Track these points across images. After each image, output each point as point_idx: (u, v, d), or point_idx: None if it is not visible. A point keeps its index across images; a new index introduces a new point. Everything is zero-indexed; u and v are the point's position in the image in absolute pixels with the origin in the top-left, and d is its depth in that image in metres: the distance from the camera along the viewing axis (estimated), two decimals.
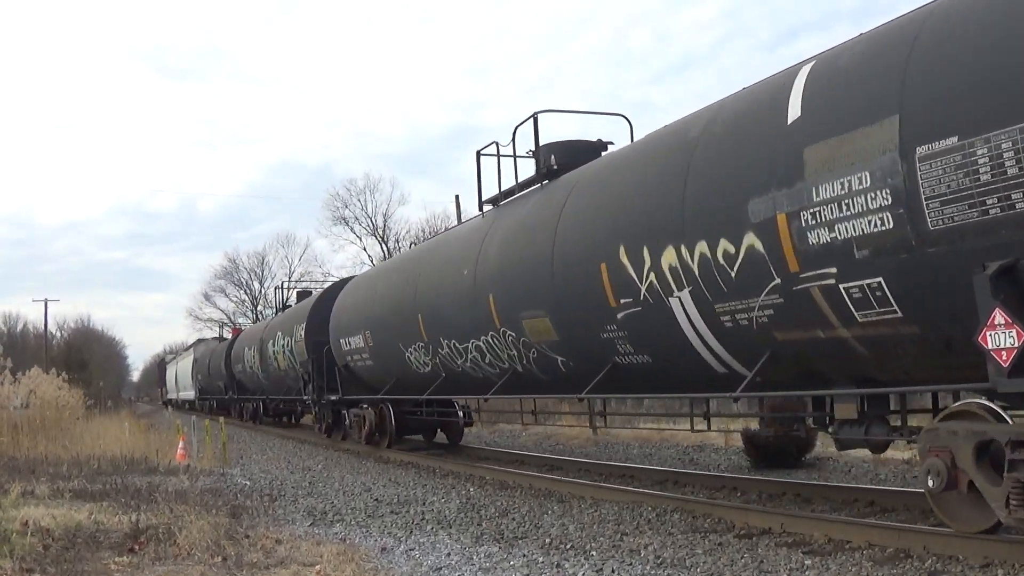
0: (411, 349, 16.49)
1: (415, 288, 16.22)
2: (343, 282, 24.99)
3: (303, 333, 24.53)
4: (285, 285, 36.29)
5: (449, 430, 20.60)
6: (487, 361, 13.88)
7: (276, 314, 34.70)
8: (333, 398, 22.36)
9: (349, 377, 21.23)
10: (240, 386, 38.82)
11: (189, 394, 59.39)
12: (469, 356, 14.33)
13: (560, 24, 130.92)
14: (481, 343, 13.73)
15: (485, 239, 13.73)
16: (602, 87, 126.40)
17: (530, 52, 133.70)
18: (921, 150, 6.56)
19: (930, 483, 7.14)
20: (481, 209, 15.14)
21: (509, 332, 12.79)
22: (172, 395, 74.56)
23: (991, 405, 6.92)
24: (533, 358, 12.58)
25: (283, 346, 27.84)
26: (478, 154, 14.95)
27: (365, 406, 20.58)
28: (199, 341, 62.76)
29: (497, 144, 14.38)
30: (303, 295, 32.67)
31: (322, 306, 23.87)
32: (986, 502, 6.78)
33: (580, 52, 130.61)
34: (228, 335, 53.92)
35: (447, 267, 15.02)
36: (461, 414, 19.66)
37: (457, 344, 14.58)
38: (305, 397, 25.03)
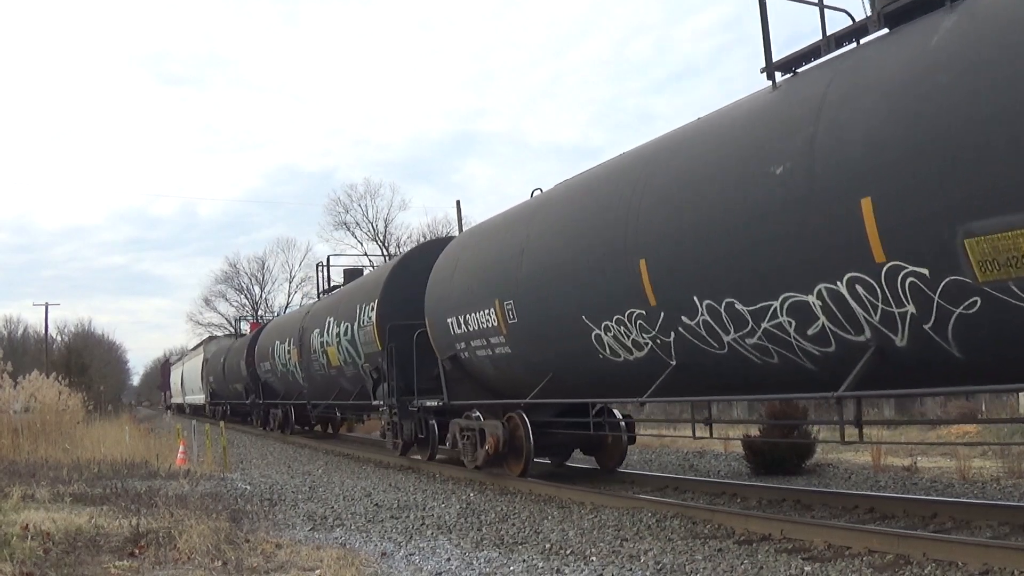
0: (612, 322, 10.55)
1: (632, 217, 10.08)
2: (438, 242, 19.68)
3: (374, 315, 18.39)
4: (328, 261, 27.57)
5: (605, 449, 15.02)
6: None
7: (321, 296, 27.86)
8: (431, 403, 16.12)
9: (459, 374, 15.24)
10: (266, 389, 32.39)
11: (198, 398, 54.27)
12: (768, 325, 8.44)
13: (560, 33, 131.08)
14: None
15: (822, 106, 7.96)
16: (603, 96, 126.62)
17: (530, 61, 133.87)
18: None
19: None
20: (772, 77, 9.40)
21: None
22: (177, 399, 69.54)
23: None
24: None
25: (338, 335, 21.49)
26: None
27: (477, 415, 14.84)
28: (210, 338, 56.30)
29: None
30: (353, 274, 25.60)
31: (405, 276, 18.10)
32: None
33: (580, 61, 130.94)
34: (245, 330, 50.28)
35: (726, 164, 8.96)
36: (623, 425, 14.52)
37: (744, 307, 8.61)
38: (376, 401, 18.72)
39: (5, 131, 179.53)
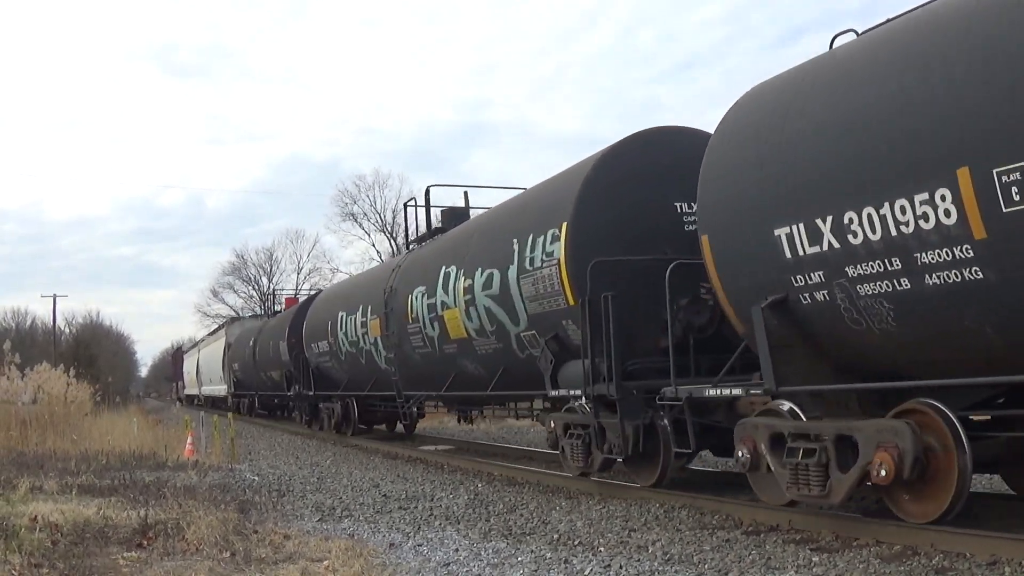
0: None
1: None
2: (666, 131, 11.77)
3: (561, 249, 11.38)
4: (427, 195, 20.06)
5: None
6: None
7: (412, 247, 20.34)
8: (735, 392, 9.36)
9: (790, 337, 8.39)
10: (320, 377, 24.90)
11: (218, 389, 49.23)
12: None
13: (566, 23, 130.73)
14: None
15: None
16: (608, 85, 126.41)
17: (537, 51, 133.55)
18: None
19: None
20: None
21: None
22: (191, 390, 65.10)
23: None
24: None
25: (467, 291, 14.26)
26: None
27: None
28: (233, 320, 50.64)
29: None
30: (456, 216, 18.71)
31: (615, 181, 11.36)
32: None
33: (586, 51, 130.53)
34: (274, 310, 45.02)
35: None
36: None
37: None
38: (559, 391, 12.04)
39: (14, 122, 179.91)
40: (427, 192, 19.80)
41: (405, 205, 21.16)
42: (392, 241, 66.30)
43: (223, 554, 7.95)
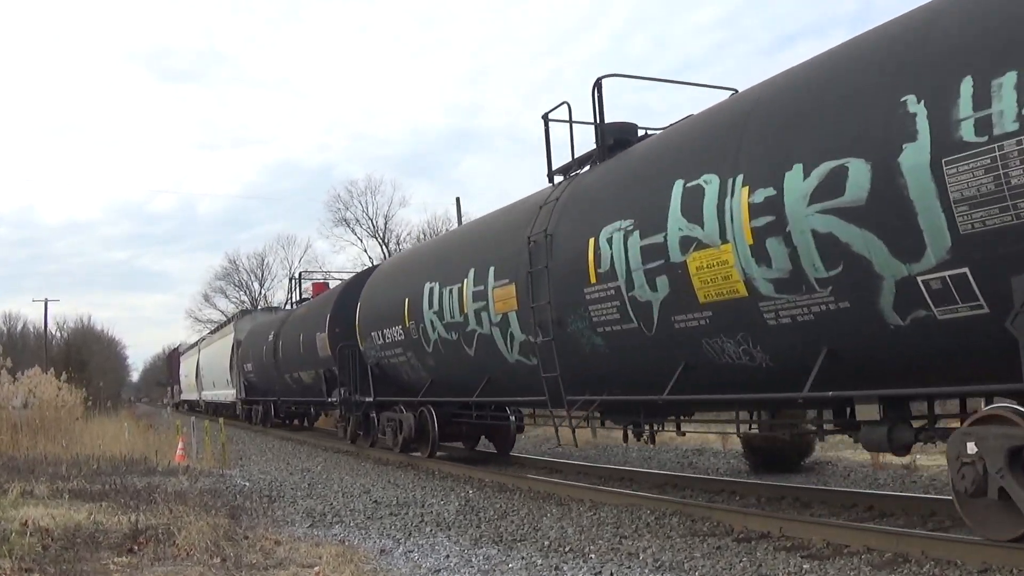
0: None
1: None
2: None
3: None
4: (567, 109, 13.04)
5: None
6: None
7: (571, 174, 12.94)
8: None
9: None
10: (383, 379, 19.07)
11: (223, 394, 42.23)
12: None
13: (559, 29, 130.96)
14: None
15: None
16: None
17: (529, 57, 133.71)
18: None
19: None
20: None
21: None
22: (190, 395, 58.66)
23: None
24: None
25: (766, 207, 8.10)
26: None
27: None
28: (243, 314, 41.72)
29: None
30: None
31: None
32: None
33: (579, 57, 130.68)
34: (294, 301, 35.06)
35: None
36: None
37: None
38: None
39: (6, 126, 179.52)
40: (596, 86, 12.33)
41: (545, 118, 13.24)
42: (384, 247, 66.35)
43: (214, 559, 7.94)
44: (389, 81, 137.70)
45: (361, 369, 19.82)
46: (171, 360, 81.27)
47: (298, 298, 34.39)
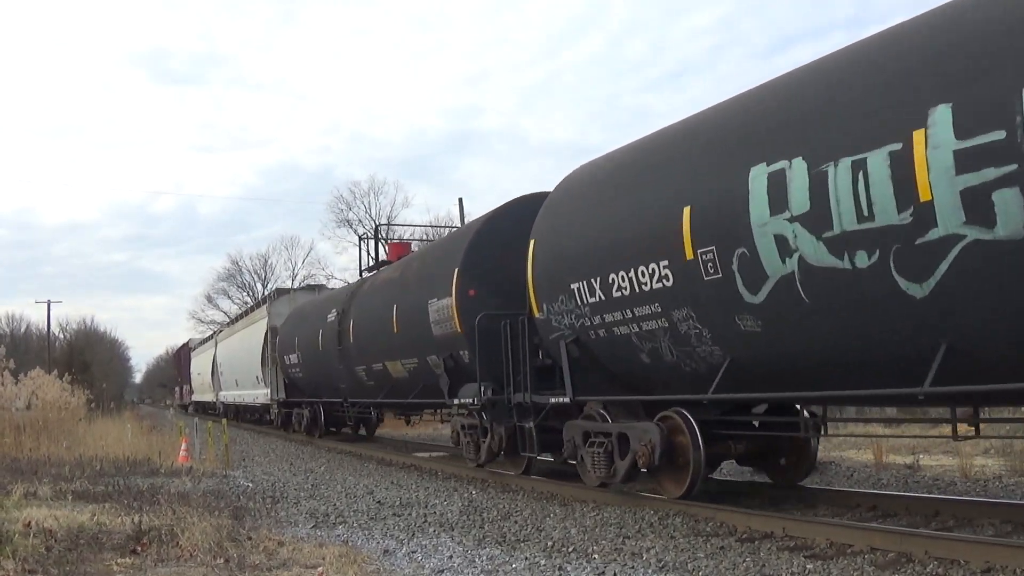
0: None
1: None
2: None
3: None
4: None
5: None
6: None
7: None
8: None
9: None
10: (584, 365, 11.89)
11: (252, 395, 34.08)
12: None
13: (557, 32, 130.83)
14: None
15: None
16: (600, 94, 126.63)
17: (527, 59, 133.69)
18: None
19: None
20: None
21: None
22: (204, 396, 51.91)
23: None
24: None
25: None
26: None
27: None
28: (278, 294, 32.27)
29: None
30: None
31: None
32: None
33: (577, 60, 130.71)
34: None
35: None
36: None
37: None
38: None
39: (6, 128, 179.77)
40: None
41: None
42: (386, 248, 66.37)
43: (217, 560, 7.94)
44: (388, 83, 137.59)
45: (523, 353, 13.10)
46: (179, 357, 73.60)
47: (371, 262, 25.15)
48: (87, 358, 75.30)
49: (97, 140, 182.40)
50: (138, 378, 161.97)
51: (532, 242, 12.52)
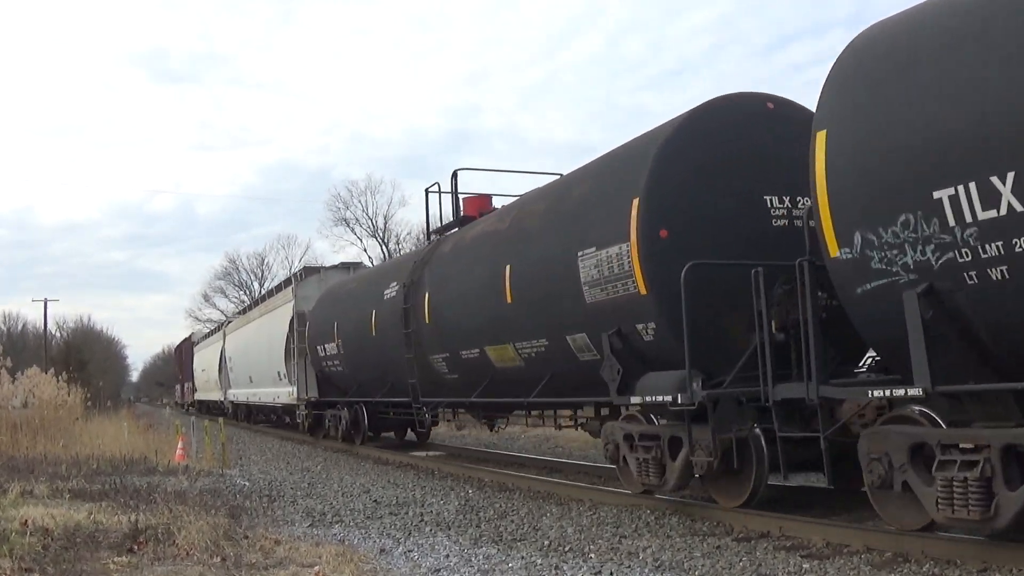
0: None
1: None
2: None
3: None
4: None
5: None
6: None
7: None
8: None
9: None
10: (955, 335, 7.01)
11: (274, 394, 28.45)
12: None
13: (555, 31, 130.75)
14: None
15: None
16: (597, 93, 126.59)
17: (526, 58, 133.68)
18: None
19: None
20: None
21: None
22: (210, 395, 46.75)
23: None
24: None
25: None
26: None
27: None
28: (308, 272, 27.46)
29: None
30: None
31: None
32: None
33: (575, 59, 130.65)
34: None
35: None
36: None
37: None
38: None
39: (4, 127, 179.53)
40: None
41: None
42: (383, 247, 66.36)
43: (214, 559, 7.94)
44: (387, 83, 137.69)
45: (808, 318, 8.46)
46: (180, 353, 68.05)
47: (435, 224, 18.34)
48: (84, 357, 75.16)
49: (96, 139, 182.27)
50: (135, 377, 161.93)
51: (820, 136, 7.89)
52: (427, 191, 17.75)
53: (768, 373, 8.74)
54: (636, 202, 9.90)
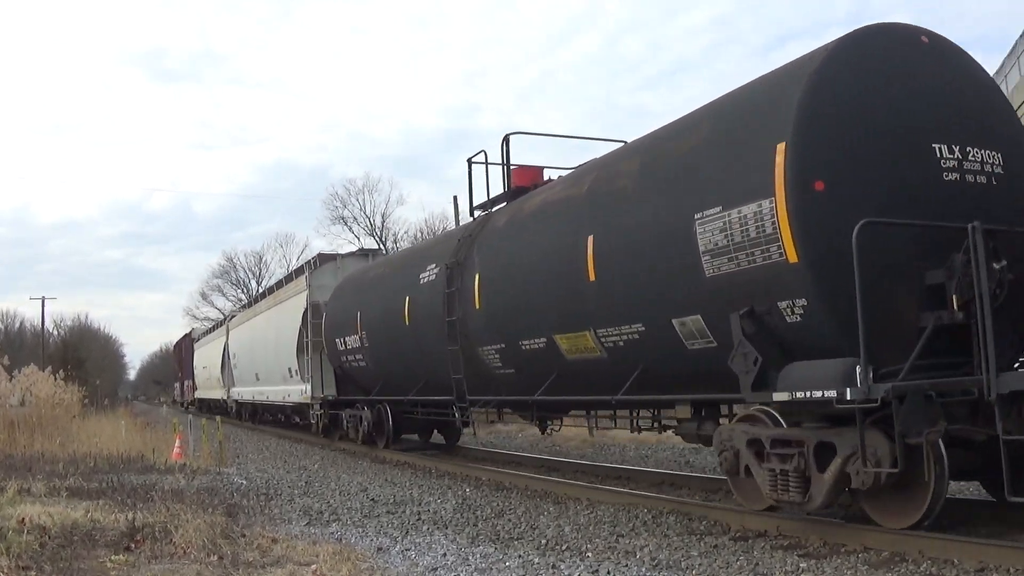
0: None
1: None
2: None
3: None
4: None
5: None
6: None
7: None
8: None
9: None
10: None
11: (284, 392, 25.95)
12: None
13: (553, 30, 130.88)
14: None
15: None
16: (596, 93, 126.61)
17: (524, 57, 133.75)
18: None
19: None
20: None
21: None
22: (209, 392, 44.76)
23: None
24: None
25: None
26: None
27: None
28: (323, 259, 24.88)
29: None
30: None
31: None
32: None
33: (573, 58, 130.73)
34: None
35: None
36: None
37: None
38: None
39: (3, 126, 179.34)
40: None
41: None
42: (381, 246, 66.34)
43: (211, 557, 7.93)
44: (385, 82, 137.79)
45: None
46: (180, 349, 65.52)
47: (474, 202, 15.76)
48: (81, 355, 75.13)
49: (94, 138, 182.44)
50: (132, 375, 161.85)
51: None
52: (470, 161, 15.56)
53: (990, 358, 7.07)
54: (782, 148, 7.88)
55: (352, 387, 21.15)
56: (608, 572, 7.27)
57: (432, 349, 15.12)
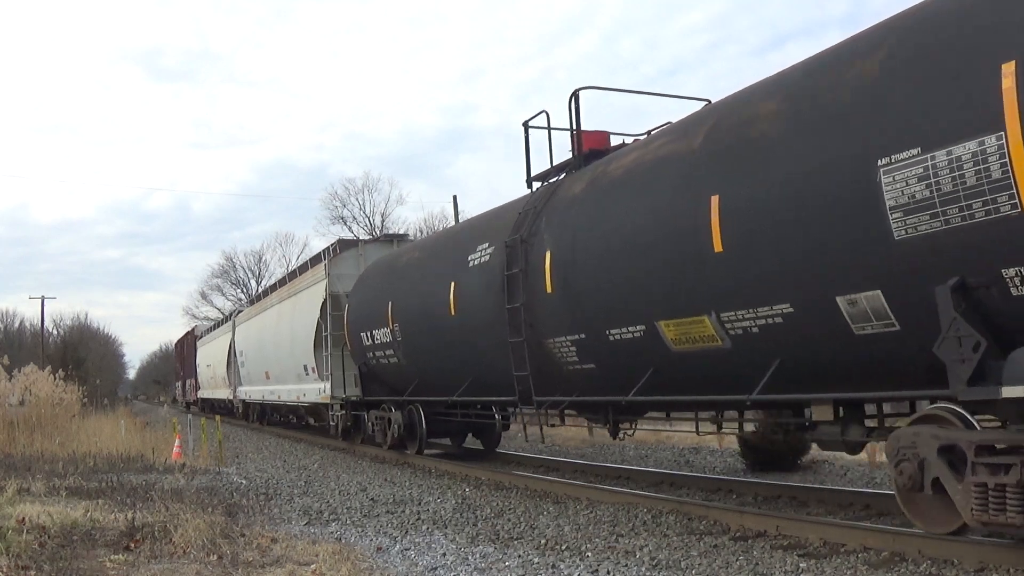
0: None
1: None
2: None
3: None
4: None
5: None
6: None
7: None
8: None
9: None
10: None
11: (299, 391, 23.89)
12: None
13: (550, 30, 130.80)
14: None
15: None
16: (594, 92, 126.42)
17: (521, 57, 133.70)
18: None
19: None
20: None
21: None
22: (213, 392, 42.99)
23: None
24: None
25: None
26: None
27: None
28: (345, 246, 22.69)
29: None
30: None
31: None
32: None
33: (571, 58, 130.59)
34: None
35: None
36: None
37: None
38: None
39: (1, 125, 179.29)
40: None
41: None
42: None
43: (210, 557, 7.93)
44: (382, 81, 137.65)
45: None
46: (182, 347, 62.65)
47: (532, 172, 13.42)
48: (81, 354, 75.07)
49: (92, 137, 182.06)
50: (132, 375, 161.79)
51: None
52: (526, 124, 13.10)
53: None
54: (1011, 68, 5.97)
55: (379, 386, 19.14)
56: (608, 572, 7.27)
57: (485, 342, 13.14)
